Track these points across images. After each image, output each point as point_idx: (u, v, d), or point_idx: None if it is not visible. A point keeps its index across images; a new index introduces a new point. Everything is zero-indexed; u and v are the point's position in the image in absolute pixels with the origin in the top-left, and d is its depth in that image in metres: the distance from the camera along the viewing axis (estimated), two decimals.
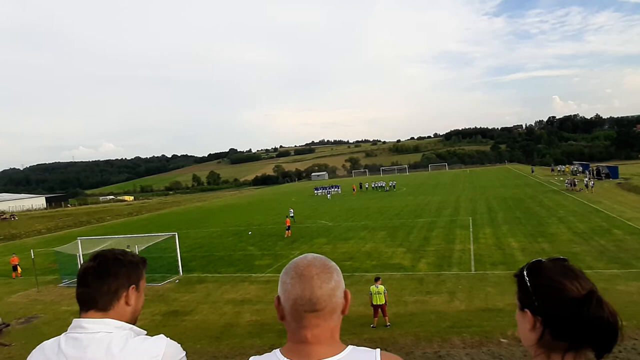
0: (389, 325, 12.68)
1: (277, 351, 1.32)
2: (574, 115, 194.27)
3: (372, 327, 12.57)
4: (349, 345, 1.33)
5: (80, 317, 1.60)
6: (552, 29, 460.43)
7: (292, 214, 35.92)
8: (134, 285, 1.66)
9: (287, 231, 29.60)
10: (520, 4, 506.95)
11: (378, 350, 1.31)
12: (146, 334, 1.61)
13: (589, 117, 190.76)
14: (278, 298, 1.35)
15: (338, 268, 1.38)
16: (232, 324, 14.17)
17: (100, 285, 1.58)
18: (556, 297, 1.22)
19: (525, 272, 1.32)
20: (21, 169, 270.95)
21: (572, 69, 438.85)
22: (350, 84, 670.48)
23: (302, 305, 1.27)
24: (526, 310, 1.28)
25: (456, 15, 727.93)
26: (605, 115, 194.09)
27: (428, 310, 13.62)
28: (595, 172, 55.97)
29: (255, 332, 13.34)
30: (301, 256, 1.38)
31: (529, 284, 1.29)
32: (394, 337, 11.72)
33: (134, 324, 1.65)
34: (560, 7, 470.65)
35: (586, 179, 45.02)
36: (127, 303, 1.62)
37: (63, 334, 1.57)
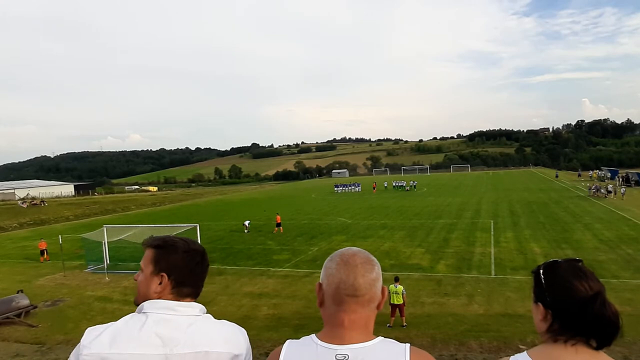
0: (406, 325, 12.64)
1: (313, 335, 1.42)
2: (604, 119, 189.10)
3: (389, 326, 12.55)
4: (379, 336, 1.40)
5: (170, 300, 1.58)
6: (584, 30, 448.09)
7: (247, 225, 31.57)
8: None
9: (276, 228, 30.15)
10: (552, 4, 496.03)
11: (408, 345, 1.36)
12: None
13: (619, 122, 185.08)
14: (319, 284, 1.45)
15: (379, 264, 1.48)
16: (249, 316, 14.36)
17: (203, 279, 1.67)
18: (566, 295, 1.40)
19: (541, 271, 1.49)
20: (52, 157, 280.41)
21: (604, 71, 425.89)
22: (373, 81, 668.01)
23: (345, 289, 1.37)
24: (539, 303, 1.47)
25: (484, 14, 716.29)
26: (637, 121, 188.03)
27: (446, 313, 13.51)
28: (624, 179, 54.19)
29: (272, 325, 13.48)
30: (345, 248, 1.49)
31: (543, 281, 1.47)
32: (410, 337, 11.67)
33: None
34: (593, 8, 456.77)
35: (610, 186, 43.59)
36: None
37: (144, 314, 1.51)
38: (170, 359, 1.41)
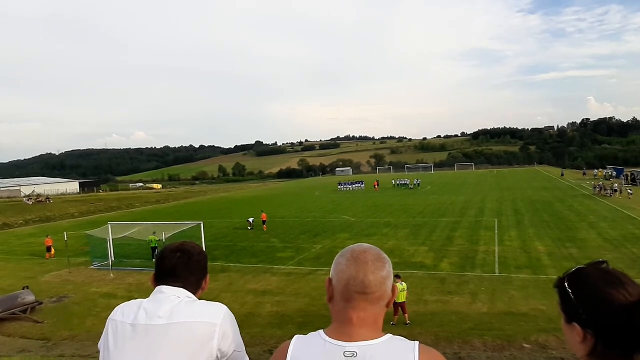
0: (409, 323, 12.65)
1: (321, 331, 1.40)
2: (610, 117, 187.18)
3: (392, 324, 12.54)
4: (388, 334, 1.37)
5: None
6: (590, 28, 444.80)
7: (251, 222, 31.95)
8: (208, 274, 1.97)
9: (264, 225, 31.15)
10: (557, 2, 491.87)
11: (417, 342, 1.33)
12: None
13: (625, 120, 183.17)
14: (330, 280, 1.43)
15: (390, 262, 1.44)
16: (253, 313, 14.42)
17: (188, 277, 1.86)
18: (604, 308, 1.15)
19: (566, 284, 1.25)
20: (57, 154, 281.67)
21: (609, 69, 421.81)
22: (377, 79, 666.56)
23: (355, 286, 1.34)
24: (574, 323, 1.21)
25: (488, 12, 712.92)
26: None
27: (449, 311, 13.51)
28: (630, 178, 53.85)
29: (275, 322, 13.52)
30: (357, 244, 1.46)
31: (572, 295, 1.22)
32: (413, 335, 11.64)
33: None
34: (599, 6, 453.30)
35: (615, 185, 43.34)
36: (203, 289, 1.93)
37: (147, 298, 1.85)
38: (149, 328, 1.69)
